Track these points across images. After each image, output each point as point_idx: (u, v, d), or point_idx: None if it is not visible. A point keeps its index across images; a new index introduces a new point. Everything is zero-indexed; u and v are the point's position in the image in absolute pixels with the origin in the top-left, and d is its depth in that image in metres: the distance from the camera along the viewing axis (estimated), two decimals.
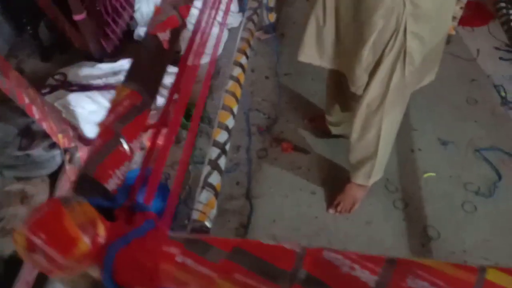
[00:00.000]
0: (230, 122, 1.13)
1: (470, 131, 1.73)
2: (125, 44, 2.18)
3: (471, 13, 2.25)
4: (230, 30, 2.25)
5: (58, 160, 1.54)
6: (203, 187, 1.00)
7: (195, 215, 0.94)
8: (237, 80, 1.22)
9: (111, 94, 1.62)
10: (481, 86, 1.94)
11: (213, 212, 0.96)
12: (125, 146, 0.43)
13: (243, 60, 1.28)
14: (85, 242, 0.34)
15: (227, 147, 1.09)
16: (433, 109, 1.81)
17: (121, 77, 1.67)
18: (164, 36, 0.55)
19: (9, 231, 1.32)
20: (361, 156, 1.33)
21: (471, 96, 1.89)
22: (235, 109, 1.18)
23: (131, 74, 0.50)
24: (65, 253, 0.33)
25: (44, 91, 1.67)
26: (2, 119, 1.54)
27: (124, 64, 1.78)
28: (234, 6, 2.35)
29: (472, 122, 1.77)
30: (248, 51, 1.37)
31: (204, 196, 0.97)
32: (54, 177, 1.54)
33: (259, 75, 2.03)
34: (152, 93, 0.49)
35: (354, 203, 1.45)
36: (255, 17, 1.53)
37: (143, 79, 0.49)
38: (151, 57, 0.52)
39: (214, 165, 1.01)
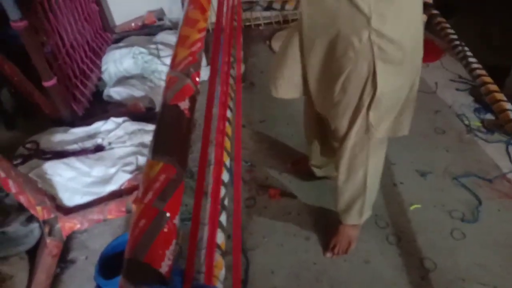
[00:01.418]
0: (225, 176, 1.11)
1: (444, 160, 1.81)
2: (95, 106, 2.15)
3: (424, 50, 2.43)
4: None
5: (36, 233, 1.45)
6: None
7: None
8: (224, 133, 1.22)
9: (89, 158, 1.57)
10: (445, 116, 2.06)
11: (222, 273, 0.92)
12: (171, 224, 0.41)
13: (228, 113, 1.30)
14: None
15: (226, 202, 1.07)
16: (406, 142, 1.88)
17: (98, 140, 1.64)
18: (184, 104, 0.54)
19: None
20: (350, 197, 1.34)
21: (438, 126, 2.00)
22: (228, 162, 1.18)
23: (158, 147, 0.49)
24: None
25: (16, 162, 1.59)
26: None
27: (99, 126, 1.74)
28: (203, 60, 2.40)
29: (444, 151, 1.86)
30: (230, 104, 1.39)
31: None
32: (32, 253, 1.44)
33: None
34: (184, 163, 0.48)
35: (350, 243, 1.44)
36: (231, 71, 1.56)
37: (173, 151, 0.48)
38: (176, 126, 0.51)
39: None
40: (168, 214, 0.43)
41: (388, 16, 0.95)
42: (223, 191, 1.06)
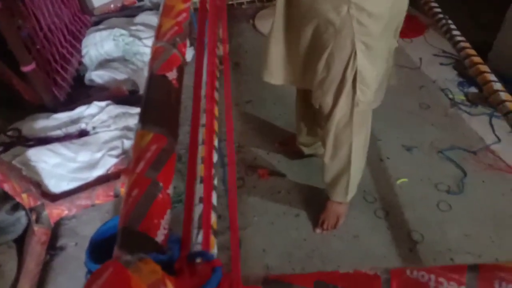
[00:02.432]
0: (214, 157, 1.10)
1: (429, 135, 1.83)
2: (76, 90, 2.10)
3: (406, 26, 2.43)
4: None
5: (23, 222, 1.42)
6: (199, 228, 0.96)
7: None
8: (212, 114, 1.20)
9: (74, 144, 1.54)
10: (430, 91, 2.07)
11: (214, 252, 0.92)
12: (165, 193, 0.40)
13: (215, 94, 1.28)
14: None
15: (215, 182, 1.06)
16: (391, 118, 1.90)
17: (81, 125, 1.60)
18: (172, 75, 0.53)
19: None
20: (335, 174, 1.36)
21: (423, 101, 2.01)
22: (216, 143, 1.17)
23: (148, 117, 0.47)
24: None
25: None
26: None
27: (83, 111, 1.70)
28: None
29: (429, 126, 1.88)
30: (217, 84, 1.37)
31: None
32: (20, 242, 1.42)
33: (221, 105, 2.03)
34: (175, 133, 0.47)
35: (338, 218, 1.46)
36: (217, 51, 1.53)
37: (163, 121, 0.47)
38: (165, 97, 0.50)
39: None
40: (161, 184, 0.42)
41: None
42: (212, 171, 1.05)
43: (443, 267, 0.34)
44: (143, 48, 2.17)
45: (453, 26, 1.56)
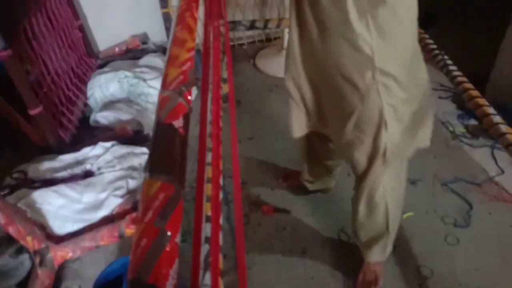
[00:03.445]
0: (220, 195, 1.11)
1: (433, 167, 1.84)
2: (82, 131, 2.13)
3: None
4: None
5: (27, 265, 1.41)
6: (205, 269, 0.95)
7: None
8: (219, 151, 1.22)
9: (79, 185, 1.55)
10: None
11: None
12: (173, 243, 0.41)
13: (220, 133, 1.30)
14: None
15: (221, 221, 1.06)
16: None
17: (87, 166, 1.62)
18: (178, 123, 0.55)
19: None
20: (372, 234, 1.28)
21: None
22: (221, 181, 1.17)
23: (156, 166, 0.49)
24: None
25: (3, 192, 1.56)
26: None
27: (88, 152, 1.72)
28: None
29: (432, 159, 1.89)
30: (220, 123, 1.39)
31: (209, 278, 0.92)
32: (23, 285, 1.40)
33: (224, 143, 2.05)
34: (182, 181, 0.48)
35: (377, 279, 1.37)
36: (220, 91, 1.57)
37: (170, 169, 0.48)
38: (172, 145, 0.51)
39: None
40: (169, 233, 0.42)
41: (388, 53, 0.94)
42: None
43: None
44: (148, 89, 2.22)
45: (449, 62, 1.61)
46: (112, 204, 1.49)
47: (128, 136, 1.88)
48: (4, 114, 1.85)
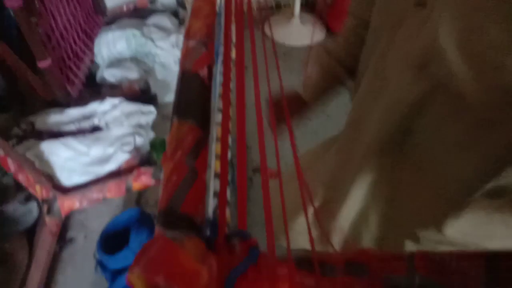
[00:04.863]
0: (229, 154, 1.14)
1: None
2: (88, 88, 2.13)
3: None
4: None
5: (34, 213, 1.45)
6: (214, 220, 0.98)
7: None
8: (226, 114, 1.24)
9: (87, 138, 1.57)
10: None
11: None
12: (201, 181, 0.43)
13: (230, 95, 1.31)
14: (206, 273, 0.34)
15: (230, 176, 1.10)
16: None
17: (94, 121, 1.64)
18: (203, 73, 0.56)
19: None
20: None
21: None
22: (230, 141, 1.20)
23: (183, 110, 0.51)
24: (191, 287, 0.33)
25: (11, 142, 1.58)
26: None
27: (96, 107, 1.73)
28: None
29: None
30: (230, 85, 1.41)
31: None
32: (31, 232, 1.45)
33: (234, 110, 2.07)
34: (208, 127, 0.50)
35: None
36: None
37: (197, 114, 0.50)
38: (198, 93, 0.53)
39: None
40: (198, 171, 0.45)
41: None
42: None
43: (463, 252, 0.37)
44: (155, 49, 2.20)
45: None
46: (120, 159, 1.51)
47: (136, 94, 1.88)
48: (13, 66, 1.84)
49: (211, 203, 1.09)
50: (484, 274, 0.35)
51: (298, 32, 2.59)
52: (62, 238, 1.50)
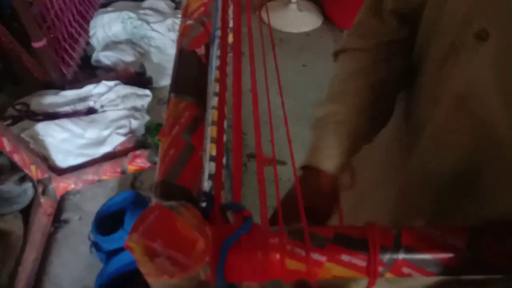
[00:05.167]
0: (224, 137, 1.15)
1: None
2: (83, 70, 2.12)
3: None
4: None
5: (30, 193, 1.46)
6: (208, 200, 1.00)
7: None
8: (222, 98, 1.25)
9: (82, 120, 1.57)
10: None
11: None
12: (198, 155, 0.45)
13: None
14: (202, 241, 0.35)
15: (224, 160, 1.11)
16: None
17: (90, 103, 1.64)
18: (200, 51, 0.57)
19: None
20: None
21: None
22: (225, 125, 1.21)
23: (180, 88, 0.52)
24: (187, 253, 0.34)
25: (6, 123, 1.58)
26: None
27: (91, 89, 1.73)
28: None
29: None
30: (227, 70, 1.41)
31: None
32: (26, 213, 1.45)
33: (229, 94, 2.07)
34: (204, 104, 0.51)
35: None
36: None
37: (193, 92, 0.51)
38: (195, 71, 0.54)
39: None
40: (194, 146, 0.46)
41: None
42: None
43: (448, 227, 0.39)
44: (151, 32, 2.19)
45: None
46: (115, 141, 1.52)
47: (131, 77, 1.88)
48: (7, 47, 1.83)
49: (206, 185, 1.10)
50: (466, 246, 0.37)
51: (296, 19, 2.58)
52: (57, 219, 1.51)
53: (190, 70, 0.55)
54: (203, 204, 0.43)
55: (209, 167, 1.11)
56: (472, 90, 0.46)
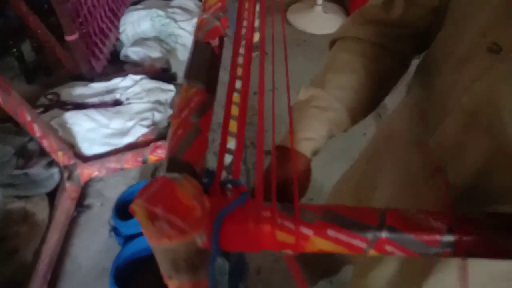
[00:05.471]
0: (231, 143, 1.19)
1: None
2: (112, 64, 2.21)
3: None
4: None
5: (56, 178, 1.54)
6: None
7: None
8: (246, 90, 1.28)
9: (108, 111, 1.64)
10: None
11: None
12: (204, 137, 0.48)
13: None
14: (199, 209, 0.39)
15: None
16: None
17: (116, 95, 1.71)
18: (214, 43, 0.61)
19: (12, 250, 1.30)
20: None
21: None
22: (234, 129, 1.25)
23: (192, 75, 0.55)
24: (185, 218, 0.38)
25: (38, 111, 1.67)
26: None
27: (118, 82, 1.81)
28: None
29: None
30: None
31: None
32: (52, 196, 1.53)
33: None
34: (214, 91, 0.55)
35: None
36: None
37: (204, 79, 0.55)
38: (207, 60, 0.58)
39: (229, 171, 1.06)
40: (201, 128, 0.50)
41: None
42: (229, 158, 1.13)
43: (431, 212, 0.41)
44: (178, 30, 2.26)
45: None
46: (138, 132, 1.58)
47: (157, 72, 1.95)
48: (42, 39, 1.93)
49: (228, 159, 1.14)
50: (447, 230, 0.39)
51: (321, 21, 2.60)
52: (80, 204, 1.59)
53: (202, 59, 0.58)
54: (205, 180, 0.47)
55: (225, 159, 1.15)
56: (483, 102, 0.46)
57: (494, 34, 0.44)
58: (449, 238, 0.39)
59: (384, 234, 0.39)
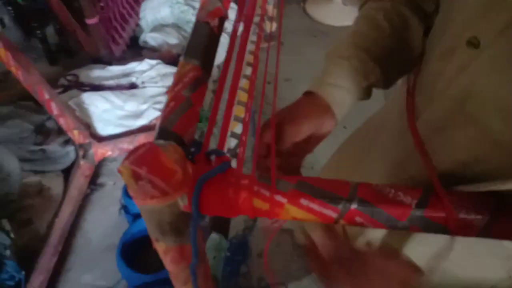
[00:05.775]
0: (238, 128, 1.21)
1: None
2: (131, 49, 2.26)
3: None
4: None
5: (72, 156, 1.60)
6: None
7: None
8: (249, 78, 1.30)
9: (124, 94, 1.69)
10: None
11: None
12: (195, 110, 0.51)
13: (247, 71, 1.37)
14: (180, 173, 0.41)
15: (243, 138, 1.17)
16: None
17: (132, 79, 1.75)
18: (214, 23, 0.63)
19: (27, 221, 1.37)
20: None
21: None
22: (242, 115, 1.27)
23: (190, 53, 0.58)
24: (167, 180, 0.41)
25: (57, 90, 1.73)
26: (18, 116, 1.59)
27: (135, 66, 1.85)
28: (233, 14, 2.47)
29: None
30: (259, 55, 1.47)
31: None
32: (67, 173, 1.60)
33: (260, 80, 2.13)
34: (209, 68, 0.57)
35: None
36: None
37: (201, 57, 0.57)
38: (206, 39, 0.60)
39: (234, 153, 1.09)
40: (193, 101, 0.52)
41: None
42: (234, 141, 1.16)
43: (401, 186, 0.43)
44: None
45: None
46: (151, 115, 1.63)
47: (173, 58, 1.99)
48: (64, 22, 1.99)
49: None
50: (415, 204, 0.41)
51: (339, 12, 2.59)
52: (94, 182, 1.65)
53: (200, 38, 0.61)
54: (193, 150, 0.50)
55: (229, 142, 1.18)
56: (467, 95, 0.47)
57: (473, 29, 0.45)
58: (418, 213, 0.41)
59: (354, 206, 0.41)
